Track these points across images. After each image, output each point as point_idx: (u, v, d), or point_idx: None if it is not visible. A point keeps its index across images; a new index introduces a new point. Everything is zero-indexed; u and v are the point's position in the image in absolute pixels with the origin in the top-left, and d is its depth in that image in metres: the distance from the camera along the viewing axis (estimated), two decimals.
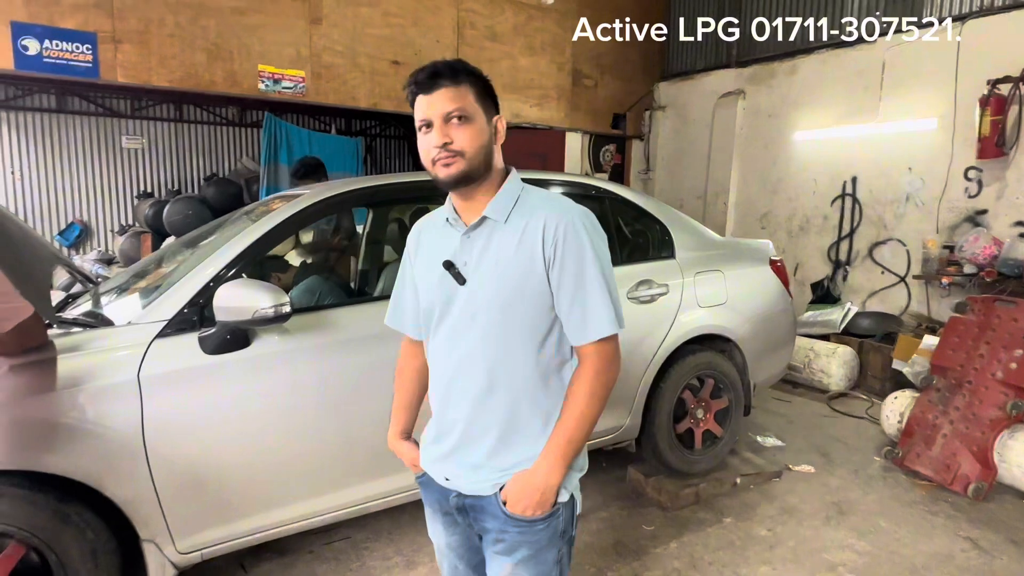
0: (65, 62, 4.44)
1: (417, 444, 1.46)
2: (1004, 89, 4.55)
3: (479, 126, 1.21)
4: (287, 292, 2.00)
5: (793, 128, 6.20)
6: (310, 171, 4.00)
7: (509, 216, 1.25)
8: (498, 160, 1.29)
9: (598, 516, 2.95)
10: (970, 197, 4.91)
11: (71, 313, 2.29)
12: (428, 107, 1.20)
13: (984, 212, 4.83)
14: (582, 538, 2.72)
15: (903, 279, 5.42)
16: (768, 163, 6.49)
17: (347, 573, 2.51)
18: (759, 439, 3.82)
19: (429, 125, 1.20)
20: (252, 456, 2.08)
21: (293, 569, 2.52)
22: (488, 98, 1.26)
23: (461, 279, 1.25)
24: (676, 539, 2.76)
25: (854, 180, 5.75)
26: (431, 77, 1.19)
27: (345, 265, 3.48)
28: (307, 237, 3.91)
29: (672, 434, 3.05)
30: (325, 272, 3.23)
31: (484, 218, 1.26)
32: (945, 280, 4.82)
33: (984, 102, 4.60)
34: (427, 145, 1.21)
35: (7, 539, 1.75)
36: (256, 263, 2.82)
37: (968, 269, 4.63)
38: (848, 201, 5.81)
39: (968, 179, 4.91)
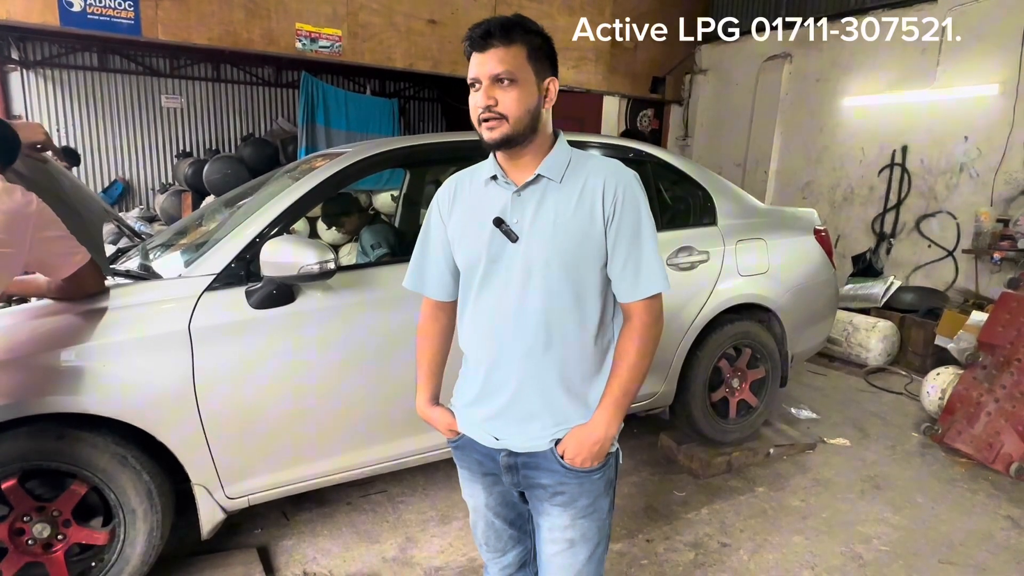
0: (108, 19, 4.47)
1: (447, 409, 1.44)
2: None
3: (526, 89, 1.19)
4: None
5: (842, 94, 5.95)
6: None
7: (564, 176, 1.25)
8: (547, 122, 1.27)
9: (629, 480, 2.97)
10: None
11: (122, 266, 2.35)
12: (478, 66, 1.19)
13: None
14: None
15: (951, 253, 5.23)
16: (813, 130, 6.26)
17: (384, 524, 2.59)
18: (794, 411, 3.78)
19: (479, 84, 1.20)
20: (295, 408, 2.13)
21: (332, 519, 2.61)
22: (543, 58, 1.23)
23: (513, 236, 1.24)
24: (707, 506, 2.77)
25: (904, 149, 5.52)
26: (484, 36, 1.17)
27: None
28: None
29: (707, 402, 3.03)
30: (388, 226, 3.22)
31: (538, 176, 1.24)
32: (997, 255, 4.63)
33: None
34: (475, 104, 1.21)
35: (71, 478, 1.85)
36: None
37: (1023, 244, 4.44)
38: (897, 171, 5.59)
39: None
